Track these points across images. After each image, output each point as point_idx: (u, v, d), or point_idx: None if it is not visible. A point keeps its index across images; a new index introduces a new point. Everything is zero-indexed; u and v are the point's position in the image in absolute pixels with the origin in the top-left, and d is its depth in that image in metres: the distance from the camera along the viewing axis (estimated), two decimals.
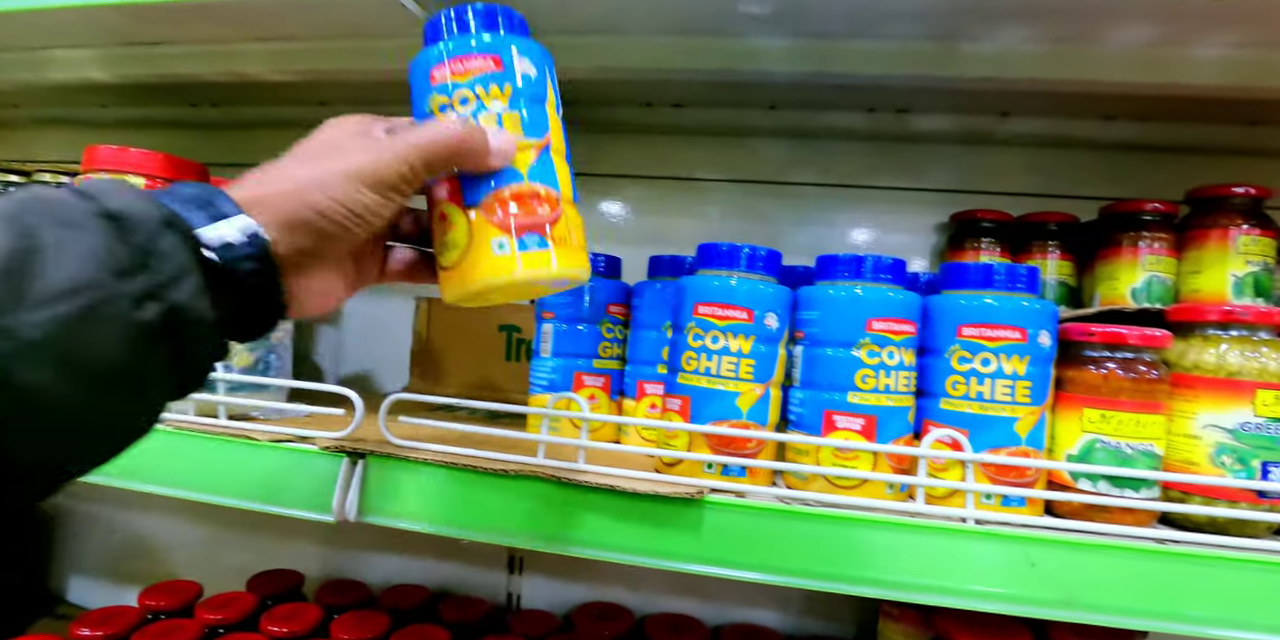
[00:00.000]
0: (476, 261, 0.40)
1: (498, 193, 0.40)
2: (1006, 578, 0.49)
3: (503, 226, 0.40)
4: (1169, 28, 0.62)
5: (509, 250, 0.40)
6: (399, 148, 0.38)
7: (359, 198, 0.37)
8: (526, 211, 0.40)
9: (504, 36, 0.42)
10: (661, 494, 0.51)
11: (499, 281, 0.40)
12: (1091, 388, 0.52)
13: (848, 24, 0.66)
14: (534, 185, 0.41)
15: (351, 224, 0.37)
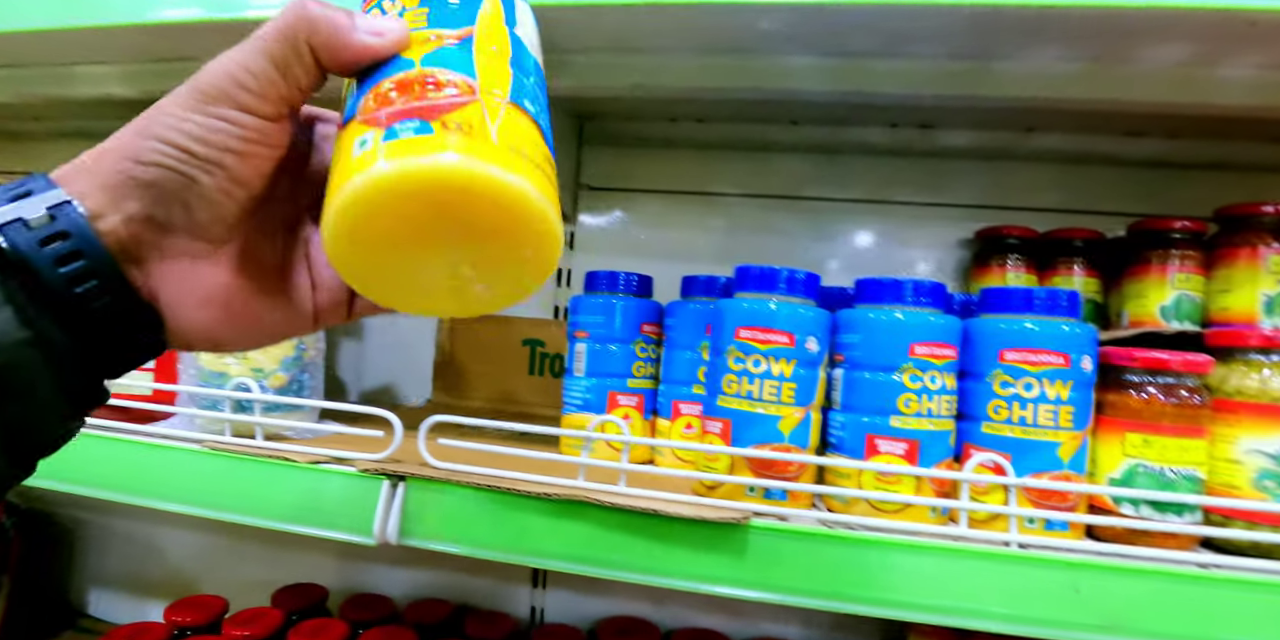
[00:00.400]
0: (338, 178, 0.27)
1: (376, 88, 0.28)
2: (1050, 602, 0.49)
3: (371, 120, 0.27)
4: (1200, 48, 0.63)
5: (370, 145, 0.26)
6: (245, 45, 0.28)
7: (188, 125, 0.27)
8: (407, 95, 0.27)
9: None
10: (707, 519, 0.51)
11: (358, 189, 0.25)
12: (1134, 412, 0.52)
13: (880, 44, 0.66)
14: (428, 69, 0.28)
15: (194, 165, 0.27)
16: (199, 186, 0.28)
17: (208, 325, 0.30)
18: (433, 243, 0.27)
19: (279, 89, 0.28)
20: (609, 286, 0.69)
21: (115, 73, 0.85)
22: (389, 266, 0.28)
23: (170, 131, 0.27)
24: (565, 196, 0.92)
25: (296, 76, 0.29)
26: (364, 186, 0.25)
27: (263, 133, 0.29)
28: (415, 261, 0.28)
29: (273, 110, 0.29)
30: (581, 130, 0.95)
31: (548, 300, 0.97)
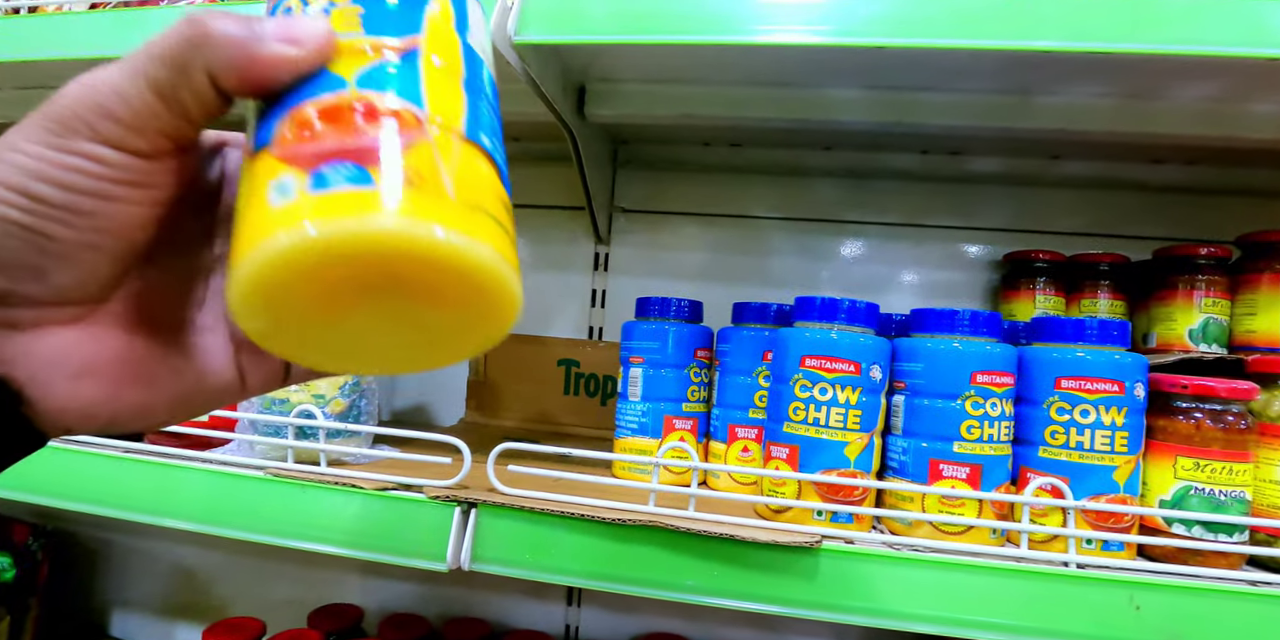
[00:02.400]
0: (248, 229, 0.21)
1: (298, 112, 0.22)
2: (1110, 621, 0.52)
3: (287, 159, 0.21)
4: (1230, 84, 0.66)
5: (294, 194, 0.21)
6: (121, 63, 0.22)
7: (28, 164, 0.21)
8: (338, 128, 0.22)
9: None
10: (780, 543, 0.53)
11: (278, 249, 0.20)
12: (1184, 437, 0.55)
13: (925, 78, 0.69)
14: (364, 93, 0.23)
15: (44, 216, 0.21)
16: (55, 243, 0.22)
17: (90, 401, 0.24)
18: (371, 309, 0.23)
19: (160, 121, 0.22)
20: (661, 312, 0.71)
21: None
22: (314, 333, 0.23)
23: (9, 171, 0.21)
24: (601, 218, 0.93)
25: (185, 105, 0.22)
26: (287, 250, 0.20)
27: (140, 172, 0.22)
28: (347, 328, 0.23)
29: (150, 146, 0.22)
30: (616, 154, 0.97)
31: (583, 320, 0.98)
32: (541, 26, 0.58)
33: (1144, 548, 0.57)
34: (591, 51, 0.69)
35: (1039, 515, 0.56)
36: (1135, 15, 0.50)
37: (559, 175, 0.95)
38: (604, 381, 0.93)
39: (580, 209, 0.94)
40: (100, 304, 0.25)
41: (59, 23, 0.73)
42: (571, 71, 0.74)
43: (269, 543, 0.62)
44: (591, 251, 0.99)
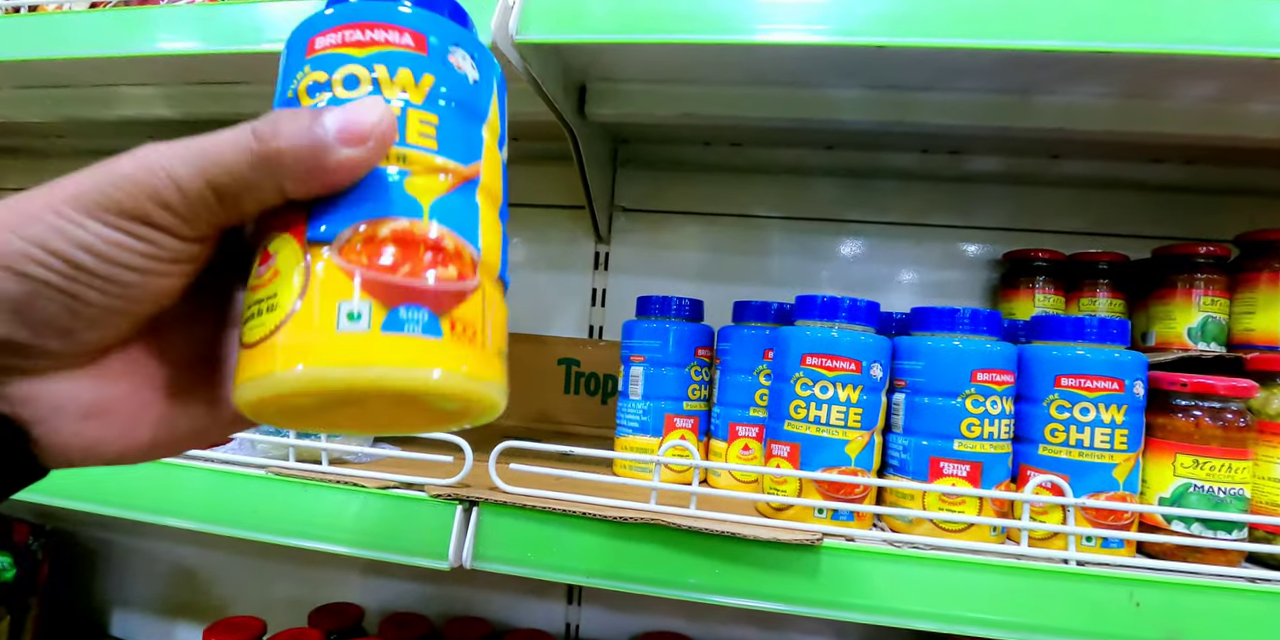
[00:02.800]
0: (307, 335, 0.22)
1: (373, 227, 0.23)
2: (1110, 617, 0.52)
3: (368, 286, 0.22)
4: (1230, 85, 0.66)
5: (366, 324, 0.22)
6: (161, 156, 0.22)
7: (76, 233, 0.21)
8: (414, 270, 0.23)
9: (441, 19, 0.28)
10: (782, 541, 0.53)
11: (335, 377, 0.22)
12: (1184, 435, 0.55)
13: (925, 78, 0.69)
14: (438, 228, 0.24)
15: (82, 283, 0.22)
16: (88, 308, 0.22)
17: (96, 440, 0.24)
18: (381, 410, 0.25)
19: (215, 217, 0.23)
20: (662, 311, 0.71)
21: (162, 94, 0.86)
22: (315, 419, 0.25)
23: (55, 237, 0.21)
24: (601, 217, 0.93)
25: (245, 208, 0.23)
26: (354, 380, 0.22)
27: (182, 253, 0.23)
28: (348, 417, 0.26)
29: (197, 234, 0.23)
30: (616, 153, 0.97)
31: (583, 320, 0.98)
32: (543, 26, 0.58)
33: (1144, 545, 0.57)
34: (592, 51, 0.69)
35: (1039, 513, 0.57)
36: (1135, 15, 0.50)
37: (559, 174, 0.96)
38: (604, 380, 0.94)
39: (581, 208, 0.94)
40: (114, 351, 0.25)
41: (59, 22, 0.73)
42: (572, 71, 0.74)
43: (271, 542, 0.62)
44: (592, 251, 0.99)
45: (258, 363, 0.22)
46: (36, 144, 1.14)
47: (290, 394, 0.22)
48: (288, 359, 0.22)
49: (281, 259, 0.23)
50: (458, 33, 0.28)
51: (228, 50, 0.67)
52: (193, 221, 0.23)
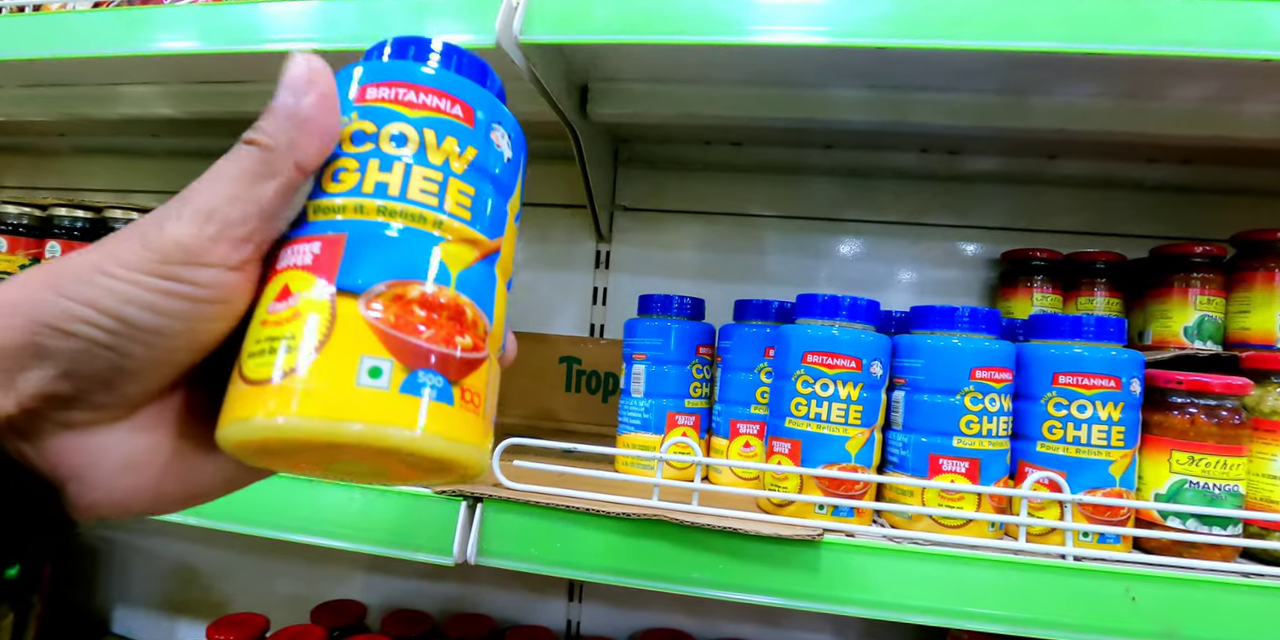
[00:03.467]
0: (324, 383, 0.22)
1: (403, 286, 0.24)
2: (1107, 611, 0.53)
3: (391, 344, 0.23)
4: (1225, 85, 0.67)
5: (386, 383, 0.23)
6: (200, 197, 0.23)
7: (124, 289, 0.22)
8: (437, 336, 0.24)
9: (488, 94, 0.29)
10: (783, 536, 0.54)
11: (355, 433, 0.22)
12: (1180, 432, 0.56)
13: (924, 78, 0.70)
14: (461, 298, 0.25)
15: (119, 336, 0.22)
16: (132, 361, 0.22)
17: (128, 493, 0.25)
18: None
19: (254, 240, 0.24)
20: (663, 310, 0.72)
21: (163, 93, 0.86)
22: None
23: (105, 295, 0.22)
24: (602, 216, 0.94)
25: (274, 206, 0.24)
26: (368, 436, 0.22)
27: (226, 288, 0.23)
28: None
29: (242, 256, 0.23)
30: (618, 153, 0.97)
31: (584, 318, 0.99)
32: (546, 26, 0.58)
33: (1140, 540, 0.58)
34: (595, 51, 0.70)
35: (1037, 509, 0.57)
36: (1130, 17, 0.51)
37: (561, 173, 0.96)
38: (605, 378, 0.94)
39: (582, 207, 0.95)
40: (151, 403, 0.25)
41: (63, 21, 0.73)
42: (575, 70, 0.75)
43: (276, 538, 0.63)
44: (593, 249, 1.00)
45: (264, 401, 0.22)
46: (38, 142, 1.14)
47: (295, 440, 0.22)
48: (303, 406, 0.22)
49: (305, 301, 0.23)
50: (501, 111, 0.29)
51: (230, 50, 0.67)
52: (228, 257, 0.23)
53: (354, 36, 0.63)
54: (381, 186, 0.25)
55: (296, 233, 0.25)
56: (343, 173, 0.25)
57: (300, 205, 0.25)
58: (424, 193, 0.26)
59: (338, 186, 0.25)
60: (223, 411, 0.23)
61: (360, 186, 0.25)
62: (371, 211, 0.25)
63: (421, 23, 0.61)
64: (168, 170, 1.13)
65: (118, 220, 0.88)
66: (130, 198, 1.13)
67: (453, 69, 0.28)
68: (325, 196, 0.25)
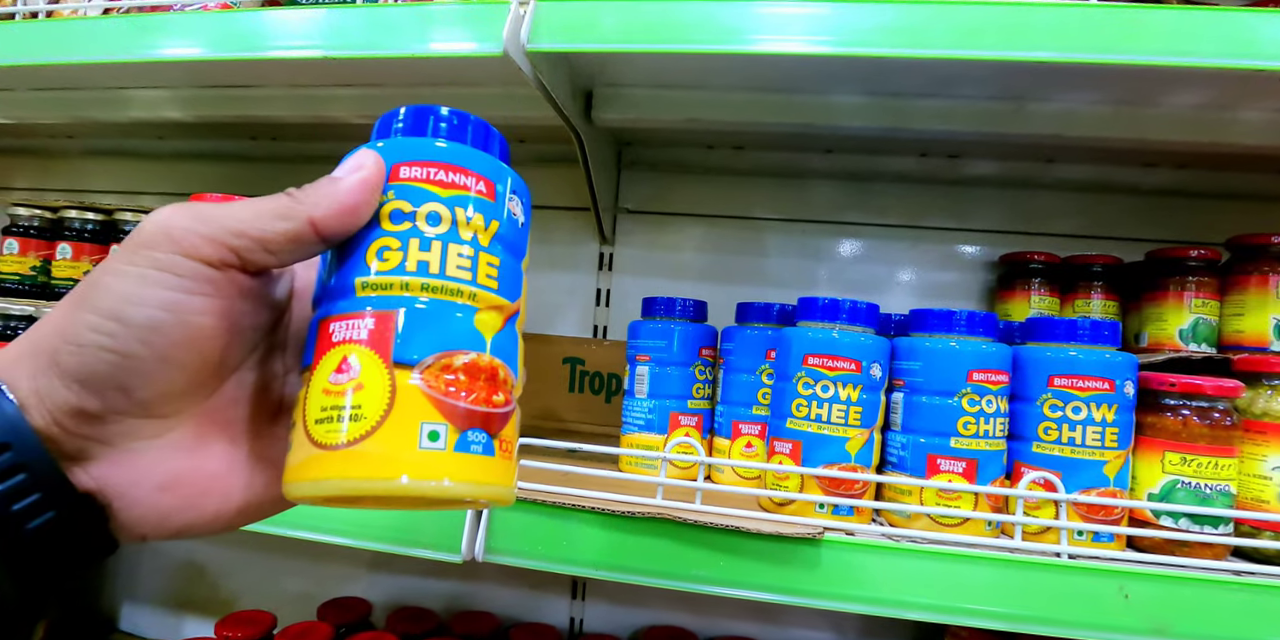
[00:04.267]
0: (390, 448, 0.26)
1: (449, 357, 0.28)
2: (1101, 609, 0.54)
3: (446, 410, 0.27)
4: (1219, 93, 0.68)
5: (444, 444, 0.27)
6: (213, 208, 0.26)
7: (115, 286, 0.24)
8: (480, 397, 0.28)
9: (503, 166, 0.32)
10: (784, 534, 0.55)
11: (420, 488, 0.26)
12: (1172, 433, 0.57)
13: (924, 85, 0.71)
14: (496, 362, 0.29)
15: (116, 337, 0.24)
16: (134, 361, 0.24)
17: (168, 511, 0.26)
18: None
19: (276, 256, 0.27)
20: (667, 312, 0.73)
21: (173, 97, 0.87)
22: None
23: (108, 297, 0.24)
24: (606, 219, 0.95)
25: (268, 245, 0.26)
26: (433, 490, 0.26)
27: (208, 283, 0.26)
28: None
29: (219, 256, 0.26)
30: (621, 156, 0.99)
31: (588, 319, 1.00)
32: (553, 35, 0.60)
33: (1133, 539, 0.59)
34: (600, 59, 0.71)
35: (1032, 508, 0.58)
36: (1123, 28, 0.52)
37: (565, 177, 0.97)
38: (608, 379, 0.95)
39: (586, 210, 0.96)
40: (180, 420, 0.27)
41: (74, 28, 0.75)
42: (580, 77, 0.76)
43: (286, 536, 0.64)
44: (596, 251, 1.01)
45: (338, 464, 0.26)
46: (47, 145, 1.16)
47: (369, 496, 0.26)
48: (377, 469, 0.25)
49: (365, 373, 0.27)
50: (514, 179, 0.32)
51: (237, 57, 0.68)
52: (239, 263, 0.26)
53: (361, 44, 0.64)
54: (423, 265, 0.28)
55: (348, 306, 0.28)
56: (386, 251, 0.28)
57: (301, 256, 0.28)
58: (459, 268, 0.29)
59: (384, 265, 0.28)
60: (292, 469, 0.27)
61: (404, 265, 0.28)
62: (416, 288, 0.28)
63: (429, 32, 0.62)
64: (175, 172, 1.14)
65: (128, 222, 0.89)
66: (138, 199, 1.14)
67: (471, 142, 0.31)
68: (374, 274, 0.28)
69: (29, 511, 0.23)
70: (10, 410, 0.23)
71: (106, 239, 0.90)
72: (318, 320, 0.29)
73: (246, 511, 0.29)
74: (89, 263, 0.91)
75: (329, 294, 0.29)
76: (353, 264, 0.28)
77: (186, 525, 0.27)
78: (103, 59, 0.73)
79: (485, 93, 0.78)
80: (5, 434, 0.23)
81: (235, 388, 0.29)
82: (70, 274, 0.90)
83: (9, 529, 0.23)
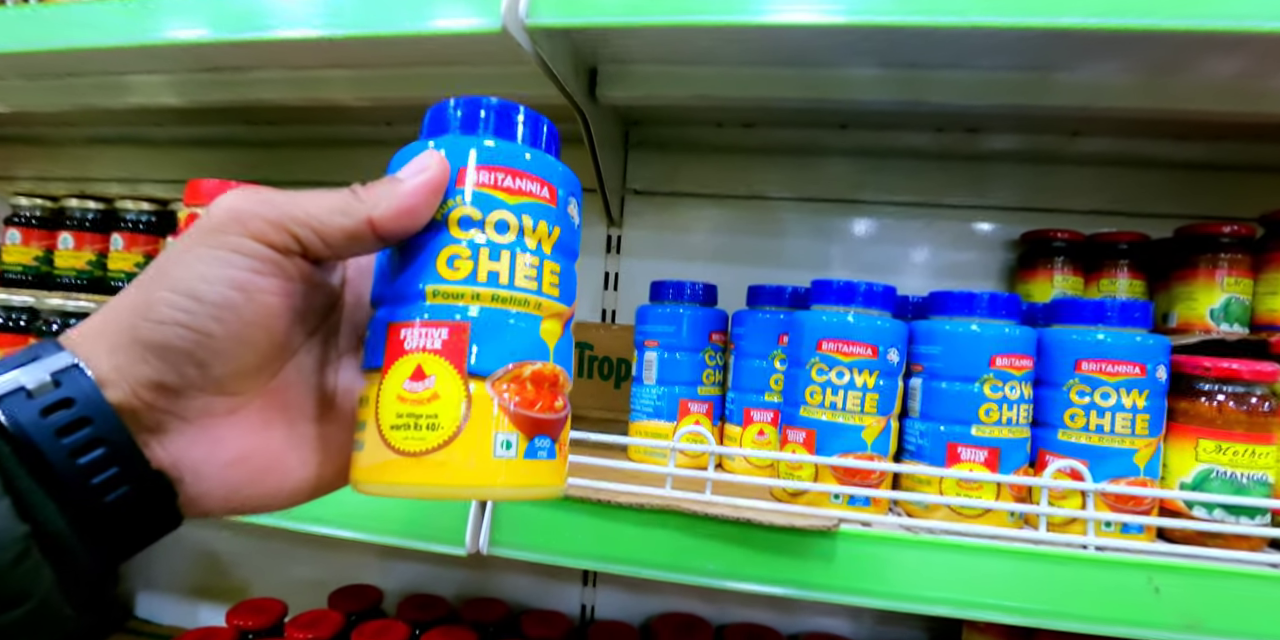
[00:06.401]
0: (468, 458, 0.27)
1: (519, 369, 0.29)
2: (1131, 603, 0.52)
3: (518, 420, 0.28)
4: (1256, 60, 0.64)
5: (515, 453, 0.28)
6: (282, 195, 0.27)
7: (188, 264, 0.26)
8: (545, 405, 0.29)
9: (562, 167, 0.32)
10: (798, 526, 0.53)
11: (492, 493, 0.28)
12: (1207, 420, 0.54)
13: (942, 56, 0.67)
14: (557, 368, 0.30)
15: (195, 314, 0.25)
16: (211, 339, 0.25)
17: (233, 488, 0.28)
18: None
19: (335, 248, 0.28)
20: (676, 296, 0.71)
21: (170, 82, 0.85)
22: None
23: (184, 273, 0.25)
24: (613, 200, 0.93)
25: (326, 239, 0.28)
26: (502, 492, 0.28)
27: (277, 266, 0.27)
28: None
29: (283, 242, 0.27)
30: (628, 136, 0.96)
31: (596, 303, 0.98)
32: (553, 9, 0.57)
33: (1164, 530, 0.57)
34: (602, 33, 0.68)
35: (1058, 498, 0.56)
36: None
37: (570, 157, 0.92)
38: (617, 364, 0.93)
39: (592, 191, 0.93)
40: (247, 399, 0.28)
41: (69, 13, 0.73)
42: (583, 53, 0.73)
43: (292, 528, 0.63)
44: (604, 234, 0.98)
45: (417, 472, 0.27)
46: (48, 133, 1.15)
47: (450, 498, 0.28)
48: (454, 477, 0.27)
49: (441, 384, 0.28)
50: (572, 181, 0.33)
51: (235, 39, 0.66)
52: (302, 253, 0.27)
53: (358, 23, 0.62)
54: (493, 276, 0.29)
55: (418, 313, 0.29)
56: (456, 260, 0.29)
57: (358, 252, 0.29)
58: (526, 278, 0.30)
59: (454, 274, 0.29)
60: (367, 469, 0.28)
61: (475, 275, 0.29)
62: (487, 299, 0.29)
63: (426, 9, 0.60)
64: (178, 159, 1.13)
65: (129, 211, 0.88)
66: (141, 187, 1.12)
67: (530, 140, 0.32)
68: (445, 283, 0.29)
69: (107, 485, 0.24)
70: (89, 386, 0.24)
71: (108, 228, 0.89)
72: (386, 322, 0.29)
73: (302, 489, 0.30)
74: (91, 252, 0.90)
75: (396, 296, 0.29)
76: (420, 268, 0.29)
77: (248, 500, 0.28)
78: (101, 44, 0.71)
79: (486, 71, 0.75)
80: (85, 409, 0.24)
81: (293, 371, 0.30)
82: (72, 263, 0.89)
83: (89, 501, 0.24)
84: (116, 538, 0.25)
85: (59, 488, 0.23)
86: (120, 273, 0.86)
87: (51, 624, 0.24)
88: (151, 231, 0.87)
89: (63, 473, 0.23)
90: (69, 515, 0.23)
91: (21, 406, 0.23)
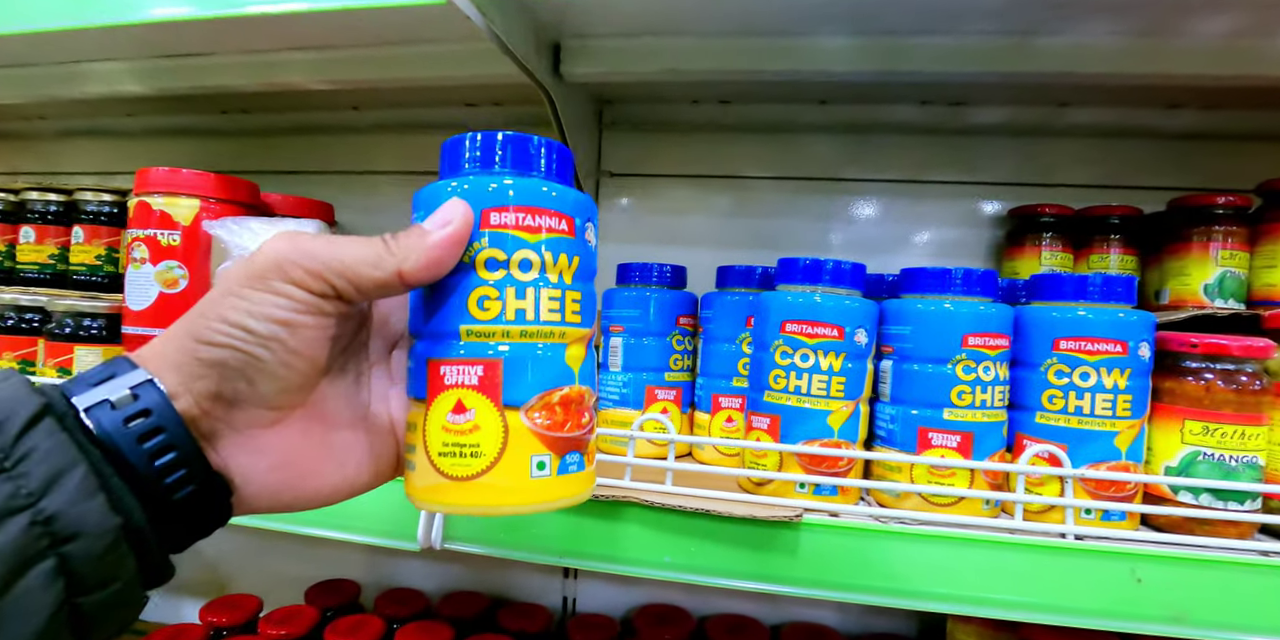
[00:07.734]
0: (510, 480, 0.31)
1: (548, 396, 0.32)
2: (1113, 594, 0.49)
3: (550, 442, 0.32)
4: (1250, 19, 0.60)
5: (549, 472, 0.32)
6: (319, 241, 0.30)
7: (243, 305, 0.29)
8: (574, 424, 0.33)
9: (577, 195, 0.34)
10: (759, 517, 0.51)
11: (531, 509, 0.31)
12: (1193, 400, 0.51)
13: (921, 21, 0.64)
14: (583, 388, 0.33)
15: (248, 342, 0.28)
16: (261, 363, 0.29)
17: (276, 489, 0.31)
18: None
19: (362, 291, 0.31)
20: (642, 279, 0.68)
21: (127, 69, 0.83)
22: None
23: (231, 310, 0.29)
24: (587, 183, 0.90)
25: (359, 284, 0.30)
26: (543, 508, 0.32)
27: (320, 310, 0.30)
28: None
29: (322, 289, 0.30)
30: (601, 115, 0.93)
31: None
32: None
33: (1148, 517, 0.54)
34: (562, 5, 0.65)
35: (1035, 484, 0.53)
36: None
37: None
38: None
39: None
40: (289, 412, 0.31)
41: None
42: (544, 27, 0.70)
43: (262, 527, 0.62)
44: None
45: (465, 495, 0.31)
46: (19, 127, 1.13)
47: (497, 515, 0.32)
48: (498, 498, 0.31)
49: (480, 416, 0.31)
50: (588, 206, 0.34)
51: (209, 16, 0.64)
52: (330, 293, 0.30)
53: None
54: (520, 314, 0.32)
55: (454, 351, 0.32)
56: (485, 301, 0.31)
57: (389, 296, 0.32)
58: (550, 311, 0.32)
59: (484, 315, 0.31)
60: (421, 489, 0.32)
61: (504, 315, 0.31)
62: (516, 336, 0.32)
63: None
64: (149, 150, 1.10)
65: (89, 203, 0.85)
66: (113, 180, 1.10)
67: (545, 170, 0.33)
68: (477, 323, 0.31)
69: (177, 484, 0.27)
70: (160, 398, 0.27)
71: (69, 221, 0.87)
72: (425, 358, 0.32)
73: (339, 491, 0.33)
74: (53, 246, 0.88)
75: (433, 334, 0.32)
76: (453, 309, 0.31)
77: (291, 501, 0.32)
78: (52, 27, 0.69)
79: (445, 49, 0.72)
80: (160, 418, 0.27)
81: (329, 386, 0.33)
82: (34, 258, 0.87)
83: (163, 498, 0.27)
84: (180, 531, 0.29)
85: (141, 486, 0.27)
86: (81, 266, 0.84)
87: (131, 605, 0.27)
88: (114, 223, 0.85)
89: (144, 473, 0.27)
90: (149, 510, 0.27)
91: (107, 416, 0.27)
